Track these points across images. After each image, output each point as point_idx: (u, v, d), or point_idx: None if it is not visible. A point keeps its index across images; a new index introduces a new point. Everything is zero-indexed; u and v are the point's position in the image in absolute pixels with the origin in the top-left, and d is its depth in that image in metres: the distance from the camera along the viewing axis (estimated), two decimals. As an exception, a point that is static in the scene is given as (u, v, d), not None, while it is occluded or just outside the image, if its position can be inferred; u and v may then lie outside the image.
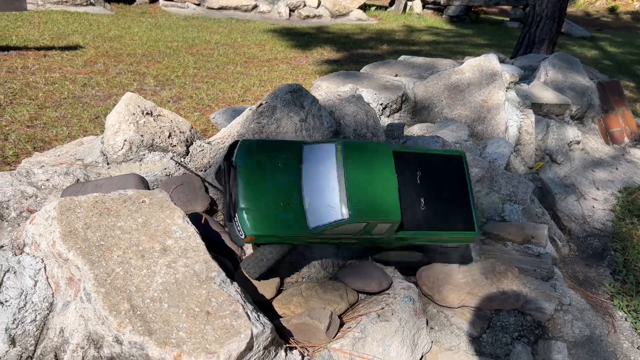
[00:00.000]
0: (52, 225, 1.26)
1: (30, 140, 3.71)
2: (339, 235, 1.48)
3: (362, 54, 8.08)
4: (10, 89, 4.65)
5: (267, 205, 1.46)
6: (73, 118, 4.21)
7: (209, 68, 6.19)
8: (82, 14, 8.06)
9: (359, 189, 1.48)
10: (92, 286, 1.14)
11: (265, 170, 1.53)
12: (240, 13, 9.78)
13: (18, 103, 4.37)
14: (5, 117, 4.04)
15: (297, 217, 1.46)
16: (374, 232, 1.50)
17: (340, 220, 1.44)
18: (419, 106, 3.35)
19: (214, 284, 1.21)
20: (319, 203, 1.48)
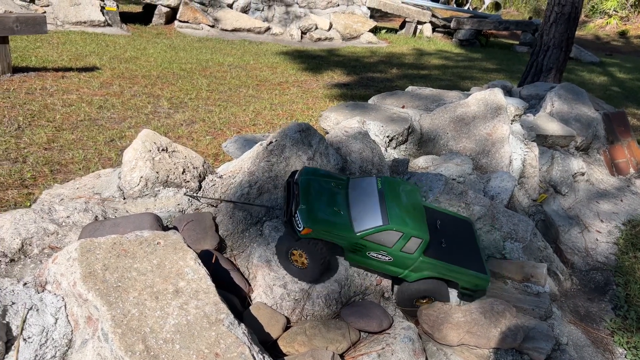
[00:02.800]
0: (73, 266, 1.34)
1: (47, 163, 3.83)
2: (377, 246, 1.73)
3: (372, 77, 8.20)
4: (29, 111, 4.80)
5: (321, 209, 1.76)
6: (89, 141, 4.34)
7: (222, 91, 6.33)
8: (99, 34, 8.27)
9: (396, 208, 1.79)
10: (110, 327, 1.22)
11: (320, 187, 1.85)
12: (253, 35, 9.97)
13: (36, 125, 4.51)
14: (24, 139, 4.18)
15: (344, 221, 1.75)
16: (405, 249, 1.74)
17: (380, 226, 1.71)
18: (425, 138, 3.43)
19: (222, 325, 1.29)
20: (363, 214, 1.78)
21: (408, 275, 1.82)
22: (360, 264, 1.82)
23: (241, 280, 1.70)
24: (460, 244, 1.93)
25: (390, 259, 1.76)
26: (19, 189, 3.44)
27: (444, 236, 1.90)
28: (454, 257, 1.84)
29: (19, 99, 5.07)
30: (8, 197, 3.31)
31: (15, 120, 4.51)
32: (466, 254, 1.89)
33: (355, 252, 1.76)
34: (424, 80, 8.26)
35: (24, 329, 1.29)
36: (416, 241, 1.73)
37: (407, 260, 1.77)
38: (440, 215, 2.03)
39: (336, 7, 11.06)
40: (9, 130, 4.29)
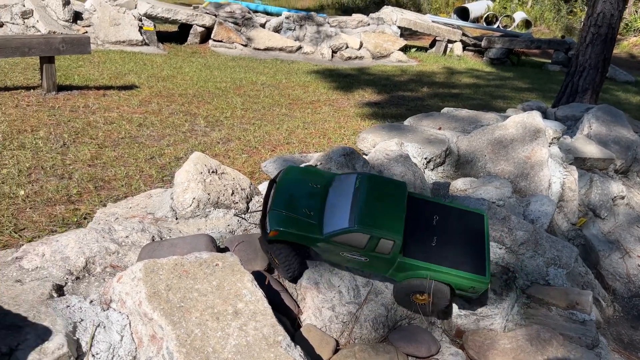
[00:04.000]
0: (138, 286, 1.41)
1: (91, 180, 3.96)
2: (347, 247, 1.71)
3: (403, 96, 8.24)
4: (73, 128, 4.97)
5: (293, 211, 1.77)
6: (130, 158, 4.47)
7: (256, 109, 6.45)
8: (137, 53, 8.53)
9: (367, 208, 1.73)
10: (175, 346, 1.28)
11: (298, 188, 1.85)
12: (284, 54, 10.14)
13: (80, 142, 4.68)
14: (69, 156, 4.33)
15: (313, 224, 1.75)
16: (378, 250, 1.70)
17: (346, 228, 1.68)
18: (462, 160, 3.44)
19: (280, 347, 1.33)
20: (334, 215, 1.76)
21: (394, 275, 1.78)
22: (340, 263, 1.80)
23: (291, 301, 1.74)
24: (458, 242, 1.81)
25: (366, 259, 1.74)
26: (66, 204, 3.57)
27: (438, 234, 1.81)
28: (445, 257, 1.75)
29: (63, 116, 5.26)
30: (56, 212, 3.44)
31: (60, 137, 4.69)
32: (462, 253, 1.78)
33: (329, 253, 1.76)
34: (456, 99, 8.26)
35: (92, 345, 1.35)
36: (387, 242, 1.68)
37: (383, 260, 1.73)
38: (442, 209, 1.91)
39: (366, 26, 11.18)
40: (55, 147, 4.45)
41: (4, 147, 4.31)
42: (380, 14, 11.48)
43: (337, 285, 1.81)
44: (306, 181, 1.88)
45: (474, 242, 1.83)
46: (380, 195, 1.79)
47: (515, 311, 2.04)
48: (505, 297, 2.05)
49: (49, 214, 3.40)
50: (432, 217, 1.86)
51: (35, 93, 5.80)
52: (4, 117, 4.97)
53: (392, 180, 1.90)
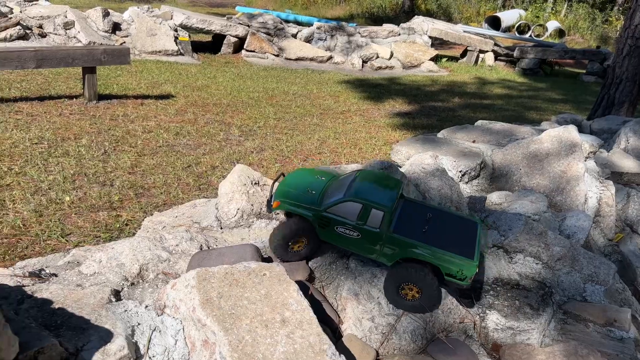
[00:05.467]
0: (191, 293, 1.49)
1: (132, 187, 4.10)
2: (341, 220, 1.84)
3: (434, 106, 8.25)
4: (113, 136, 5.15)
5: (296, 189, 1.96)
6: (168, 166, 4.61)
7: (288, 119, 6.55)
8: (172, 63, 8.76)
9: (362, 187, 1.89)
10: (227, 351, 1.35)
11: (306, 178, 2.06)
12: (315, 64, 10.26)
13: (120, 150, 4.85)
14: (110, 164, 4.49)
15: (313, 199, 1.93)
16: (369, 224, 1.81)
17: (341, 199, 1.84)
18: (497, 173, 3.45)
19: (326, 356, 1.39)
20: (332, 195, 1.92)
21: (383, 257, 1.85)
22: (332, 242, 1.90)
23: (332, 311, 1.80)
24: (449, 234, 1.89)
25: (358, 234, 1.82)
26: (108, 210, 3.71)
27: (430, 225, 1.90)
28: (434, 240, 1.82)
29: (104, 125, 5.46)
30: (100, 218, 3.58)
31: (101, 145, 4.87)
32: (452, 241, 1.85)
33: (325, 228, 1.87)
34: (487, 110, 8.23)
35: (149, 348, 1.44)
36: (378, 214, 1.78)
37: (374, 236, 1.81)
38: (435, 211, 2.02)
39: (397, 36, 11.22)
40: (96, 155, 4.63)
41: (50, 155, 4.50)
42: (411, 24, 11.51)
43: (376, 297, 1.86)
44: (313, 174, 2.09)
45: (464, 237, 1.91)
46: (375, 182, 1.97)
47: (552, 327, 2.06)
48: (542, 312, 2.06)
49: (92, 220, 3.54)
50: (425, 214, 1.97)
51: (78, 102, 6.03)
52: (49, 125, 5.19)
53: (389, 175, 2.08)
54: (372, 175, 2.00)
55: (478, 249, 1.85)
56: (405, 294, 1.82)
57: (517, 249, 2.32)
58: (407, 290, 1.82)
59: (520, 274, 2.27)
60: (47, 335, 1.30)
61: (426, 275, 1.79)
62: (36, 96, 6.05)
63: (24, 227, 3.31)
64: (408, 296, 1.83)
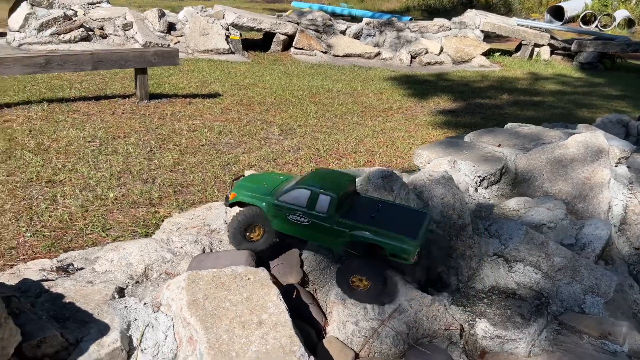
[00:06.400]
0: (181, 294, 1.66)
1: (172, 184, 4.37)
2: (292, 208, 1.97)
3: (480, 103, 8.11)
4: (160, 135, 5.47)
5: (252, 183, 2.13)
6: (208, 164, 4.86)
7: (328, 118, 6.68)
8: (223, 62, 9.07)
9: (313, 179, 2.04)
10: (205, 348, 1.51)
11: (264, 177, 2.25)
12: (363, 60, 10.30)
13: (165, 148, 5.14)
14: (154, 162, 4.79)
15: (267, 190, 2.08)
16: (318, 209, 1.93)
17: (292, 186, 2.00)
18: (519, 179, 3.44)
19: (294, 357, 1.52)
20: (284, 187, 2.06)
21: (333, 243, 1.95)
22: (285, 231, 2.02)
23: (319, 313, 1.93)
24: (395, 220, 1.99)
25: (309, 221, 1.94)
26: (147, 207, 3.99)
27: (379, 214, 2.01)
28: (379, 224, 1.93)
29: (152, 123, 5.80)
30: (139, 214, 3.86)
31: (148, 144, 5.19)
32: (396, 225, 1.94)
33: (277, 217, 1.99)
34: (536, 107, 8.00)
35: (142, 341, 1.62)
36: (325, 199, 1.92)
37: (322, 221, 1.92)
38: (387, 204, 2.13)
39: (448, 31, 11.05)
40: (142, 153, 4.94)
41: (100, 152, 4.85)
42: (463, 17, 11.30)
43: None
44: (272, 175, 2.29)
45: (409, 223, 2.00)
46: (327, 175, 2.12)
47: (544, 337, 2.09)
48: (533, 322, 2.10)
49: (132, 216, 3.83)
50: (375, 206, 2.08)
51: (130, 101, 6.42)
52: (102, 124, 5.58)
53: (344, 172, 2.22)
54: (326, 171, 2.18)
55: (422, 232, 1.95)
56: (357, 285, 1.93)
57: (517, 258, 2.35)
58: (357, 282, 1.93)
59: (519, 283, 2.30)
60: (51, 327, 1.51)
61: (372, 266, 1.90)
62: (93, 96, 6.49)
63: (70, 221, 3.63)
64: (360, 287, 1.94)
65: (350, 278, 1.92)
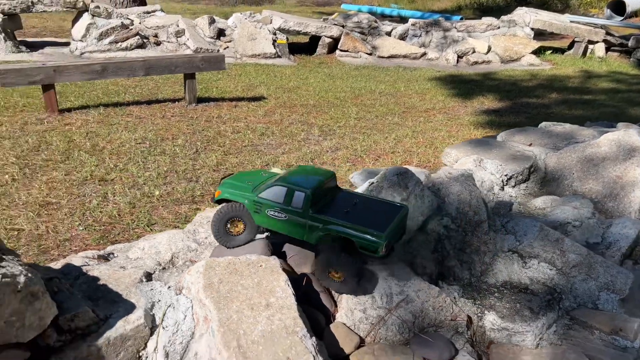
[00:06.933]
0: (199, 278, 1.83)
1: (213, 183, 4.61)
2: (271, 203, 2.11)
3: (526, 103, 7.96)
4: (205, 137, 5.75)
5: (236, 181, 2.28)
6: (248, 164, 5.07)
7: (369, 119, 6.77)
8: (270, 65, 9.34)
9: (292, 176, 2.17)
10: (216, 326, 1.67)
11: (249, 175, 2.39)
12: (408, 61, 10.31)
13: (210, 149, 5.41)
14: (199, 162, 5.06)
15: (249, 188, 2.22)
16: (294, 205, 2.06)
17: (271, 184, 2.14)
18: (549, 177, 3.43)
19: (297, 336, 1.66)
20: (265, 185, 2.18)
21: (308, 237, 2.06)
22: (265, 226, 2.15)
23: (329, 301, 2.06)
24: (369, 215, 2.08)
25: (285, 216, 2.07)
26: (189, 204, 4.24)
27: (353, 208, 2.12)
28: (351, 219, 2.04)
29: (199, 126, 6.09)
30: (181, 211, 4.11)
31: (194, 145, 5.47)
32: (368, 220, 2.04)
33: (258, 212, 2.13)
34: (586, 106, 7.77)
35: (163, 320, 1.81)
36: (300, 195, 2.05)
37: (298, 216, 2.05)
38: (364, 198, 2.25)
39: (496, 29, 10.87)
40: (188, 154, 5.22)
41: (149, 153, 5.17)
42: (513, 16, 11.08)
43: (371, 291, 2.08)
44: (259, 173, 2.45)
45: (382, 217, 2.10)
46: (306, 172, 2.25)
47: (552, 331, 2.12)
48: (542, 317, 2.13)
49: (175, 212, 4.08)
50: (352, 200, 2.20)
51: (179, 105, 6.76)
52: (152, 127, 5.92)
53: (323, 169, 2.34)
54: (306, 168, 2.32)
55: (392, 226, 2.04)
56: (333, 276, 2.05)
57: (531, 254, 2.39)
58: (333, 273, 2.06)
59: (532, 278, 2.34)
60: (84, 304, 1.72)
61: (347, 260, 2.02)
62: (146, 100, 6.88)
63: (119, 216, 3.92)
64: (335, 278, 2.06)
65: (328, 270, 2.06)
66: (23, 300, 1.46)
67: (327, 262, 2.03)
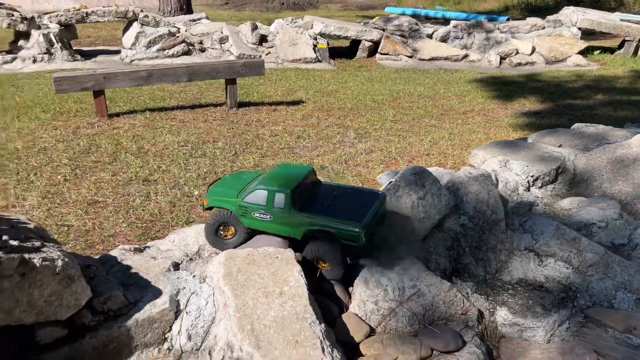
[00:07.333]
0: (219, 267, 1.99)
1: (249, 184, 4.80)
2: (255, 206, 2.28)
3: (570, 104, 7.79)
4: (244, 140, 5.96)
5: (223, 187, 2.43)
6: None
7: (405, 121, 6.81)
8: (310, 70, 9.52)
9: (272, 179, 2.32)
10: (233, 311, 1.82)
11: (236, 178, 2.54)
12: (450, 63, 10.26)
13: (248, 152, 5.61)
14: (237, 164, 5.26)
15: (234, 193, 2.37)
16: (276, 205, 2.23)
17: (254, 187, 2.30)
18: (578, 179, 3.40)
19: (306, 322, 1.78)
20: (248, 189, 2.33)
21: (294, 233, 2.22)
22: (253, 227, 2.30)
23: (343, 292, 2.16)
24: (347, 206, 2.23)
25: (270, 217, 2.23)
26: (226, 203, 4.43)
27: (333, 201, 2.27)
28: (330, 212, 2.18)
29: (239, 129, 6.31)
30: (217, 209, 4.31)
31: (233, 148, 5.68)
32: (347, 211, 2.18)
33: (245, 215, 2.28)
34: (634, 107, 7.52)
35: (187, 305, 1.97)
36: (280, 197, 2.21)
37: (282, 215, 2.20)
38: (343, 189, 2.43)
39: (541, 30, 10.66)
40: (227, 156, 5.44)
41: (191, 155, 5.42)
42: (559, 15, 10.83)
43: (384, 285, 2.17)
44: (241, 175, 2.61)
45: (360, 207, 2.25)
46: (285, 172, 2.39)
47: (565, 328, 2.15)
48: (554, 313, 2.16)
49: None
50: (332, 193, 2.35)
51: (221, 109, 7.02)
52: (194, 130, 6.19)
53: (302, 166, 2.47)
54: (286, 167, 2.45)
55: (369, 215, 2.19)
56: (321, 266, 2.21)
57: (548, 253, 2.41)
58: (321, 263, 2.22)
59: (548, 276, 2.37)
60: (117, 289, 1.90)
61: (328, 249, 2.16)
62: (189, 105, 7.18)
63: (159, 214, 4.15)
64: (323, 267, 2.22)
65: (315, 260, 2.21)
66: (61, 282, 1.64)
67: (313, 254, 2.19)
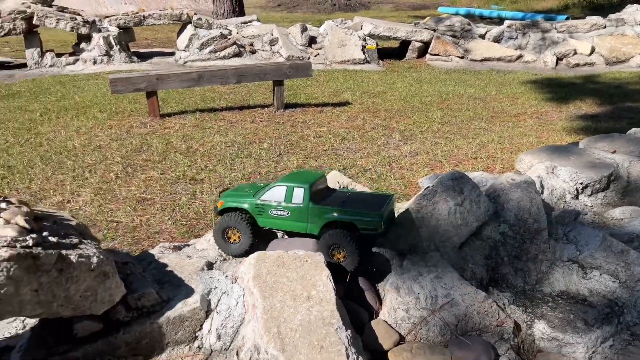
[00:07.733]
0: (250, 269, 2.01)
1: (292, 185, 4.83)
2: (272, 205, 2.32)
3: (630, 107, 7.41)
4: (289, 141, 6.01)
5: (236, 192, 2.49)
6: (326, 168, 5.24)
7: (453, 123, 6.68)
8: (358, 71, 9.49)
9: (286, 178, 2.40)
10: (261, 313, 1.83)
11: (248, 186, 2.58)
12: (503, 64, 9.97)
13: (292, 153, 5.66)
14: (281, 164, 5.32)
15: (249, 195, 2.42)
16: (295, 200, 2.26)
17: (270, 184, 2.36)
18: (632, 187, 3.23)
19: (332, 328, 1.77)
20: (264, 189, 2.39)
21: (311, 228, 2.24)
22: (269, 226, 2.34)
23: (373, 298, 2.14)
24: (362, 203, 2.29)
25: (288, 213, 2.26)
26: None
27: (348, 200, 2.33)
28: (347, 206, 2.26)
29: (284, 130, 6.38)
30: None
31: (278, 149, 5.75)
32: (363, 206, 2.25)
33: (262, 214, 2.32)
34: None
35: (218, 305, 2.00)
36: (299, 191, 2.26)
37: (300, 211, 2.23)
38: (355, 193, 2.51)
39: (602, 29, 10.19)
40: (272, 157, 5.51)
41: (237, 156, 5.52)
42: (621, 14, 10.32)
43: (416, 292, 2.13)
44: (255, 183, 2.66)
45: (374, 203, 2.30)
46: (299, 174, 2.49)
47: (608, 345, 2.04)
48: (596, 329, 2.06)
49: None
50: (345, 195, 2.41)
51: (268, 110, 7.11)
52: (242, 131, 6.30)
53: (312, 171, 2.39)
54: (300, 172, 2.52)
55: (386, 207, 2.26)
56: (337, 258, 2.23)
57: (593, 265, 2.30)
58: (336, 254, 2.23)
59: (592, 290, 2.25)
60: (151, 286, 1.96)
61: (345, 235, 2.19)
62: (238, 106, 7.32)
63: (204, 213, 4.25)
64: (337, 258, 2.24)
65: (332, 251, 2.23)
66: (96, 278, 1.71)
67: (328, 245, 2.22)
